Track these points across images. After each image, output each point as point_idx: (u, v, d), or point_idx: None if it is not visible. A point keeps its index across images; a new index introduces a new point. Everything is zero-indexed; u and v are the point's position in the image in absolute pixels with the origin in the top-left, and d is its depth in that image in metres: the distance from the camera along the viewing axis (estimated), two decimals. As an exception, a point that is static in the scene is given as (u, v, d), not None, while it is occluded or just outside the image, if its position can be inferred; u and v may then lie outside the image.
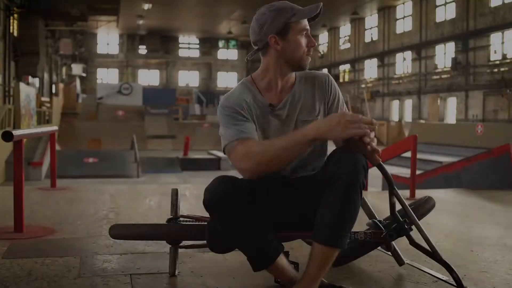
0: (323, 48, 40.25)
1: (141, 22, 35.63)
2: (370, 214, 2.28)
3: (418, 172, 6.85)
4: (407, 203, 1.98)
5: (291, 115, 1.95)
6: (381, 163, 1.83)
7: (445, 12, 26.36)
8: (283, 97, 1.96)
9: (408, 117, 29.54)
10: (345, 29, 37.04)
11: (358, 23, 34.84)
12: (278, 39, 1.90)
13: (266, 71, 1.96)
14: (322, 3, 1.89)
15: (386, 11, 31.71)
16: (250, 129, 1.85)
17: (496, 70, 23.01)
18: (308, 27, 1.93)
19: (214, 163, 15.90)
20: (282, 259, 1.86)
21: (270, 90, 1.96)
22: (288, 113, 1.95)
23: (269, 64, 1.95)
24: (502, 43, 22.80)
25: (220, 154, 16.66)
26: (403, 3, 29.98)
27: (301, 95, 1.97)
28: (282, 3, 1.93)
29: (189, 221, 2.23)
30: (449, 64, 25.78)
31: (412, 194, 4.80)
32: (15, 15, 20.67)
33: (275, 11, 1.90)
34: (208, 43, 43.75)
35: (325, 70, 39.57)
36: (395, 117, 30.95)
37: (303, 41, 1.92)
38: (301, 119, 1.95)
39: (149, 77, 43.24)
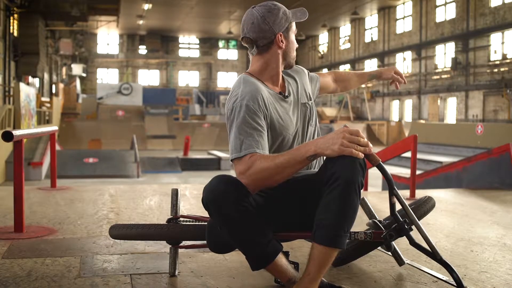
0: (323, 48, 40.25)
1: (141, 22, 35.65)
2: (370, 214, 2.28)
3: (418, 172, 6.85)
4: (407, 203, 1.98)
5: (296, 100, 2.09)
6: (381, 163, 1.83)
7: (445, 12, 26.37)
8: (284, 87, 2.09)
9: (408, 117, 29.55)
10: (345, 29, 37.05)
11: (358, 23, 34.85)
12: (283, 37, 2.02)
13: (266, 67, 2.03)
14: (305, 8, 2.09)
15: (386, 11, 31.72)
16: (261, 138, 1.87)
17: (496, 70, 23.02)
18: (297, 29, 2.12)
19: (214, 163, 15.90)
20: (281, 259, 1.86)
21: (273, 83, 2.05)
22: (294, 99, 2.09)
23: (271, 61, 2.02)
24: (502, 43, 22.81)
25: (220, 154, 16.66)
26: (403, 3, 29.99)
27: (294, 84, 2.13)
28: (277, 4, 2.03)
29: (189, 221, 2.23)
30: (449, 64, 25.80)
31: (412, 194, 4.80)
32: (15, 15, 20.69)
33: (280, 10, 2.00)
34: (208, 43, 43.76)
35: (325, 70, 39.69)
36: (395, 117, 30.97)
37: (294, 41, 2.09)
38: (302, 102, 2.11)
39: (149, 77, 43.25)
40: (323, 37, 40.22)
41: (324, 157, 1.93)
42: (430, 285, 2.16)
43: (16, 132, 3.07)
